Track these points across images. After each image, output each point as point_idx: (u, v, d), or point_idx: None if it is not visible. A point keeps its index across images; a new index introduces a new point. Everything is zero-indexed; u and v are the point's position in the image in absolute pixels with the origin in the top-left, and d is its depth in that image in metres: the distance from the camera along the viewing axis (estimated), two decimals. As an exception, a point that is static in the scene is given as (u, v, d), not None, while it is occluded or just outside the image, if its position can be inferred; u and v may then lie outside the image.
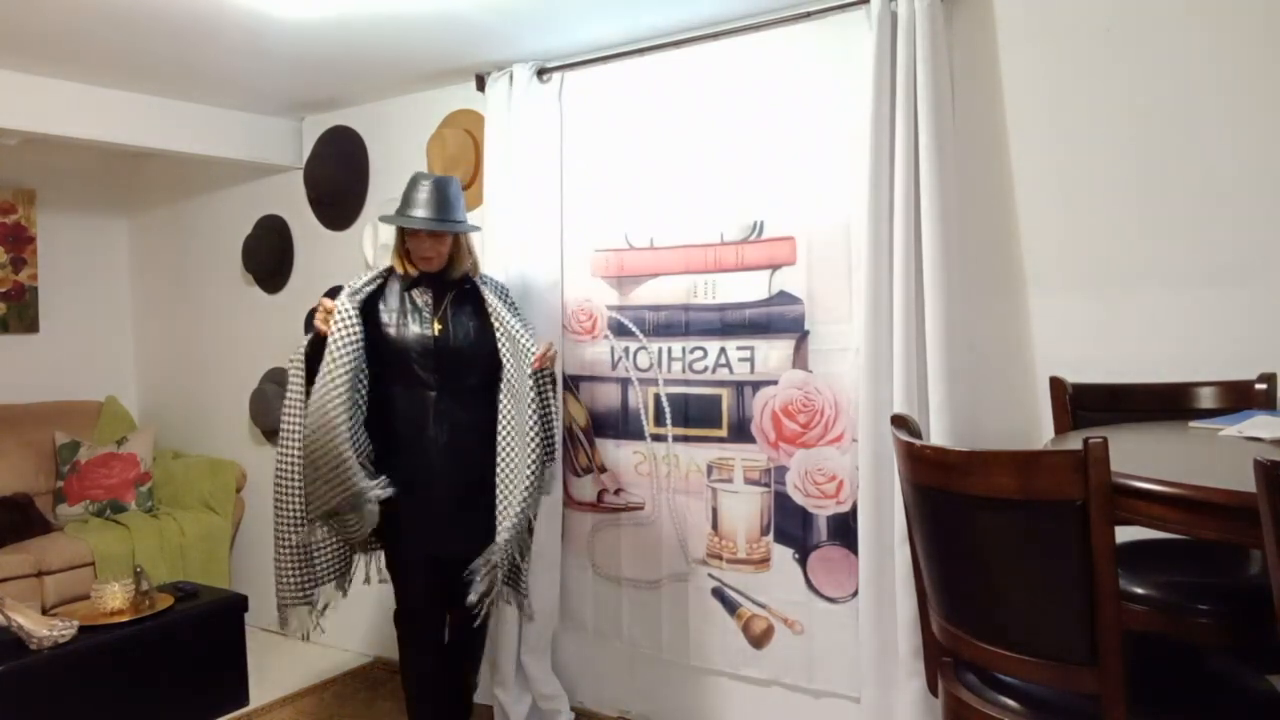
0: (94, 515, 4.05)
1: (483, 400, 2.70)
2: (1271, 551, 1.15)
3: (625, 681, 3.23)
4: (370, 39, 3.06)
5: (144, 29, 2.92)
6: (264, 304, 4.31)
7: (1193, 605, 1.71)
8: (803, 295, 2.81)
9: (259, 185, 4.29)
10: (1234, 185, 2.25)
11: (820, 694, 2.84)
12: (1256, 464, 1.14)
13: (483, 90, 3.37)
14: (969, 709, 1.54)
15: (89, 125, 3.54)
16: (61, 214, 4.65)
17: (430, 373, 2.66)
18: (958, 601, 1.53)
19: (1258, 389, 2.07)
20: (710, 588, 3.02)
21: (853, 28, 2.65)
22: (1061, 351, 2.45)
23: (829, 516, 2.79)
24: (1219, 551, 1.93)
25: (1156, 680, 1.50)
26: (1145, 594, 1.76)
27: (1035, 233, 2.50)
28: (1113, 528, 1.32)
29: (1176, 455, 1.71)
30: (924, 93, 2.45)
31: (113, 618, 3.09)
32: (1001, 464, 1.41)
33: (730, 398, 2.96)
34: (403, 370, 2.66)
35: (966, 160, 2.54)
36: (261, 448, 4.32)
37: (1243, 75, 2.24)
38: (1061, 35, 2.45)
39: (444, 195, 2.67)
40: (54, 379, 4.54)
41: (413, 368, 2.65)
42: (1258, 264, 2.22)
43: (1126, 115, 2.37)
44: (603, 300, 3.19)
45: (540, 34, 3.03)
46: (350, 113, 3.95)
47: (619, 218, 3.15)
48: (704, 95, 2.97)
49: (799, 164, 2.81)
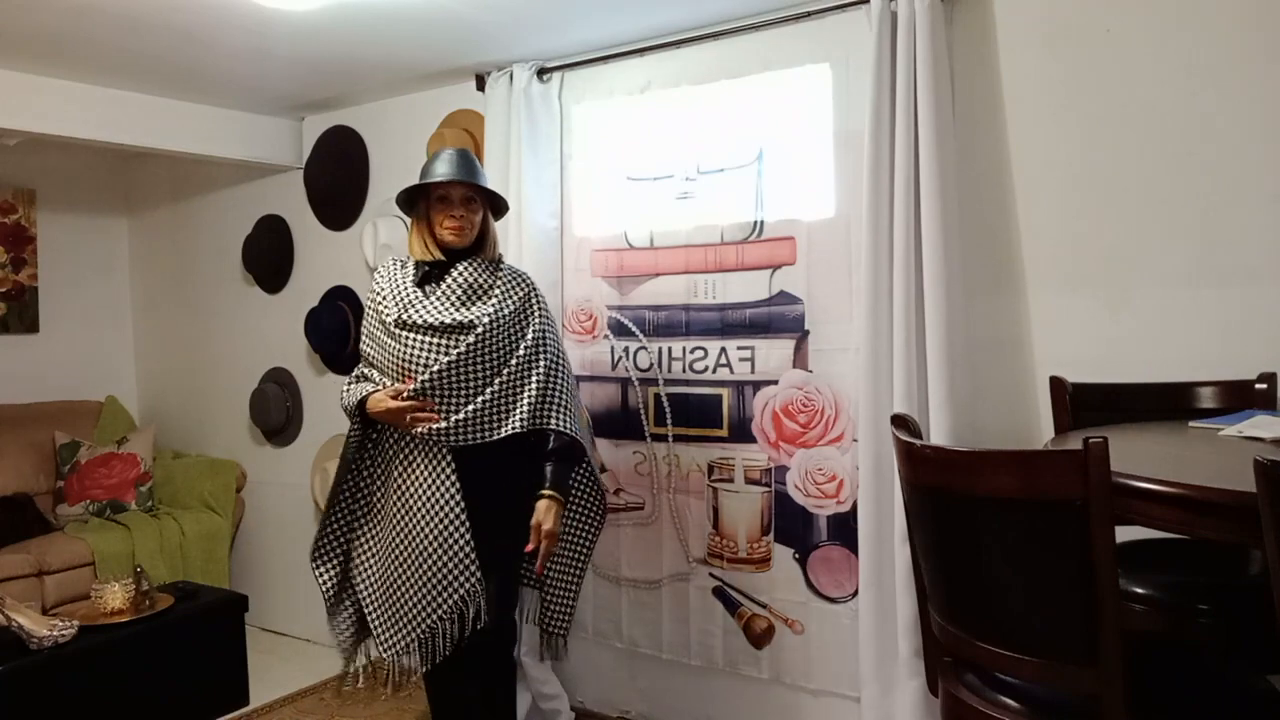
0: (94, 515, 4.05)
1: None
2: (1271, 551, 1.15)
3: (625, 681, 3.23)
4: (370, 39, 3.06)
5: (144, 29, 2.92)
6: (264, 304, 4.31)
7: (1193, 605, 1.71)
8: (803, 295, 2.81)
9: (259, 185, 4.29)
10: (1234, 185, 2.25)
11: (820, 694, 2.84)
12: (1256, 464, 1.14)
13: (483, 90, 3.37)
14: (969, 709, 1.54)
15: (89, 125, 3.54)
16: (61, 214, 4.64)
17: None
18: (958, 601, 1.53)
19: (1258, 389, 2.08)
20: (711, 587, 3.02)
21: (853, 28, 2.64)
22: (1061, 351, 2.45)
23: (829, 516, 2.80)
24: (1219, 551, 1.93)
25: (1156, 680, 1.50)
26: (1145, 594, 1.76)
27: (1035, 232, 2.50)
28: (1113, 528, 1.32)
29: (1176, 455, 1.71)
30: (924, 93, 2.45)
31: (113, 618, 3.09)
32: (1002, 464, 1.41)
33: (731, 398, 2.96)
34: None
35: (966, 160, 2.54)
36: (261, 448, 4.33)
37: (1243, 75, 2.23)
38: (1061, 35, 2.45)
39: (471, 162, 2.45)
40: (54, 379, 4.54)
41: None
42: (1258, 264, 2.22)
43: (1126, 115, 2.37)
44: (603, 300, 3.19)
45: (540, 34, 3.03)
46: (350, 113, 3.95)
47: (619, 218, 3.15)
48: (704, 95, 2.97)
49: (799, 164, 2.81)
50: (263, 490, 4.31)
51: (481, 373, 2.35)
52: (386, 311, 2.39)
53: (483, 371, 2.35)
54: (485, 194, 2.46)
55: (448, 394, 2.33)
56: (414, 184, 2.42)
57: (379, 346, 2.42)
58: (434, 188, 2.40)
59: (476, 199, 2.43)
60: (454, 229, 2.39)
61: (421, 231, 2.44)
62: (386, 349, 2.39)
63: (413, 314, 2.35)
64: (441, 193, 2.39)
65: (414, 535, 2.34)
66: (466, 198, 2.41)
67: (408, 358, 2.35)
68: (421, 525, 2.33)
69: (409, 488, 2.37)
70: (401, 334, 2.36)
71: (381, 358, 2.41)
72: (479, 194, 2.43)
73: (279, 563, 4.23)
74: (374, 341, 2.44)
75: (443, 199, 2.40)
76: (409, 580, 2.35)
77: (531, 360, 2.42)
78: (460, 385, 2.34)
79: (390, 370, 2.39)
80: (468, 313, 2.36)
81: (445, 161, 2.40)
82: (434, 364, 2.32)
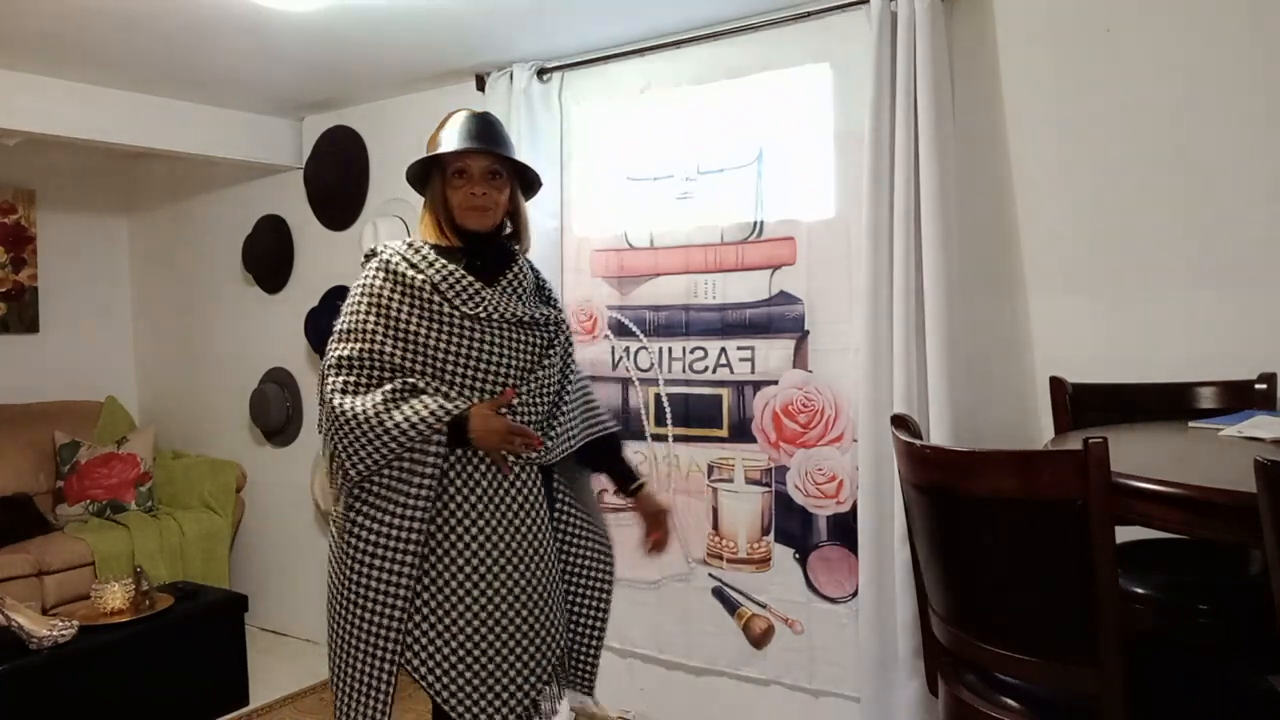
0: (94, 515, 4.05)
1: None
2: (1272, 551, 1.15)
3: (625, 681, 3.22)
4: (370, 39, 3.06)
5: (144, 29, 2.92)
6: (264, 304, 4.31)
7: (1193, 605, 1.71)
8: (803, 295, 2.81)
9: (259, 185, 4.29)
10: (1234, 185, 2.25)
11: (820, 694, 2.84)
12: (1256, 464, 1.14)
13: (483, 90, 3.37)
14: (969, 709, 1.54)
15: (89, 125, 3.54)
16: (61, 214, 4.64)
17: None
18: (958, 601, 1.53)
19: (1258, 389, 2.07)
20: (711, 587, 3.02)
21: (853, 28, 2.64)
22: (1061, 351, 2.45)
23: (829, 516, 2.80)
24: (1219, 551, 1.93)
25: (1156, 680, 1.50)
26: (1145, 594, 1.76)
27: (1035, 233, 2.50)
28: (1113, 528, 1.32)
29: (1176, 455, 1.71)
30: (924, 93, 2.45)
31: (113, 618, 3.09)
32: (1001, 464, 1.41)
33: (731, 398, 2.96)
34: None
35: (966, 160, 2.54)
36: (261, 448, 4.33)
37: (1243, 75, 2.23)
38: (1061, 35, 2.45)
39: (493, 128, 1.96)
40: (54, 379, 4.53)
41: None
42: (1258, 264, 2.22)
43: (1126, 115, 2.37)
44: (603, 300, 3.20)
45: (540, 34, 3.03)
46: (350, 113, 3.95)
47: (619, 218, 3.15)
48: (704, 95, 2.97)
49: (799, 164, 2.81)
50: (262, 490, 4.30)
51: (557, 377, 1.98)
52: (441, 301, 1.85)
53: (557, 375, 1.98)
54: (513, 166, 1.97)
55: (534, 403, 1.90)
56: (427, 155, 1.95)
57: (424, 345, 1.85)
58: (449, 160, 1.92)
59: (502, 172, 1.94)
60: (474, 209, 1.91)
61: (435, 212, 1.95)
62: (449, 347, 1.84)
63: (489, 305, 1.86)
64: (459, 165, 1.91)
65: (510, 586, 1.84)
66: (490, 171, 1.92)
67: (493, 358, 1.86)
68: (520, 573, 1.85)
69: (498, 525, 1.84)
70: (479, 328, 1.85)
71: (433, 359, 1.85)
72: (505, 166, 1.95)
73: (279, 563, 4.23)
74: (412, 340, 1.85)
75: (461, 172, 1.91)
76: (504, 645, 1.84)
77: (573, 367, 2.08)
78: (545, 391, 1.93)
79: (454, 375, 1.84)
80: (544, 309, 1.98)
81: (461, 126, 1.92)
82: (529, 364, 1.90)
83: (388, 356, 1.85)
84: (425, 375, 1.85)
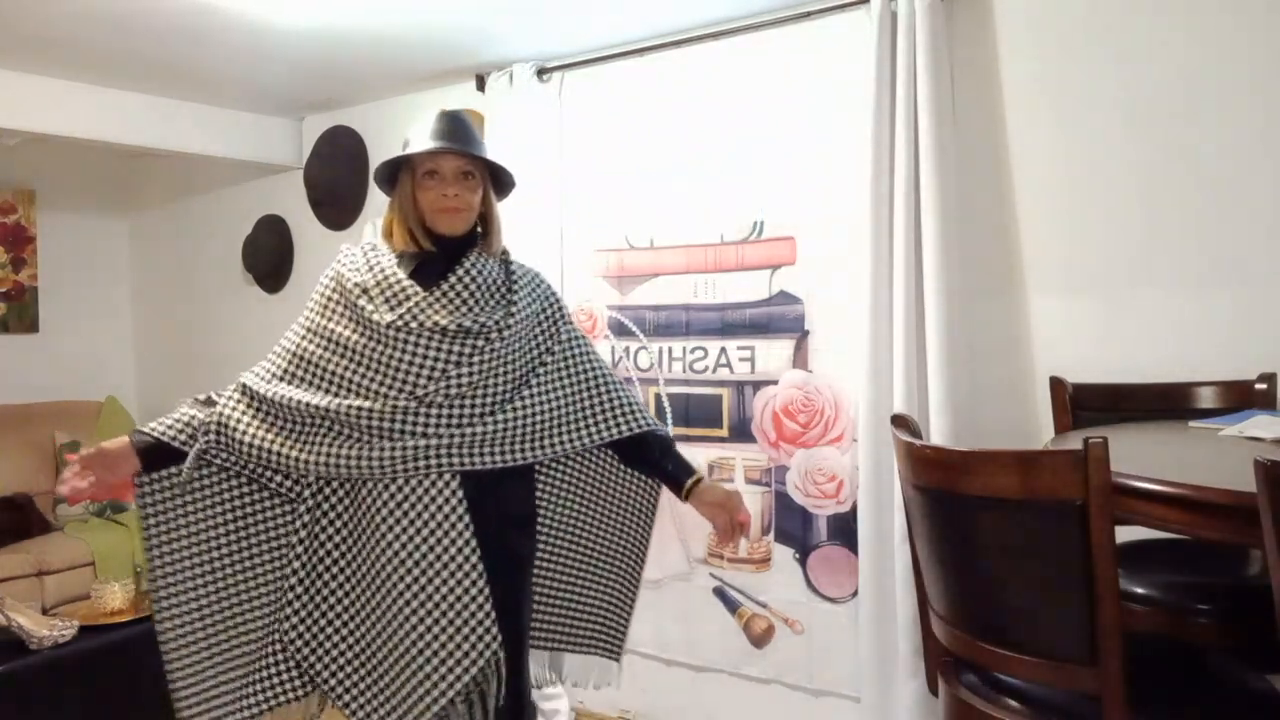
0: (94, 515, 4.05)
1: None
2: (1272, 551, 1.15)
3: (625, 681, 3.21)
4: (370, 39, 3.06)
5: (144, 29, 2.92)
6: (264, 304, 4.31)
7: (1193, 605, 1.71)
8: (803, 295, 2.81)
9: (259, 185, 4.29)
10: (1233, 185, 2.25)
11: (820, 694, 2.84)
12: (1256, 464, 1.14)
13: (483, 90, 3.37)
14: (969, 709, 1.54)
15: (89, 125, 3.54)
16: (61, 214, 4.65)
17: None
18: (958, 601, 1.53)
19: (1258, 389, 2.08)
20: (711, 587, 3.02)
21: (853, 27, 2.64)
22: (1061, 351, 2.45)
23: (829, 516, 2.80)
24: (1219, 551, 1.93)
25: (1156, 680, 1.50)
26: (1145, 594, 1.76)
27: (1035, 233, 2.50)
28: (1113, 528, 1.32)
29: (1176, 455, 1.70)
30: (924, 92, 2.45)
31: (113, 618, 3.08)
32: (1001, 464, 1.41)
33: (731, 398, 2.96)
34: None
35: (966, 160, 2.54)
36: (261, 448, 4.32)
37: (1243, 75, 2.23)
38: (1061, 35, 2.45)
39: (465, 126, 1.89)
40: (54, 379, 4.54)
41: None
42: (1257, 264, 2.22)
43: (1126, 115, 2.37)
44: (603, 300, 3.20)
45: (540, 34, 3.03)
46: (350, 112, 3.95)
47: (619, 218, 3.15)
48: (704, 95, 2.97)
49: (799, 164, 2.81)
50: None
51: (503, 386, 1.86)
52: (369, 308, 1.82)
53: (504, 385, 1.86)
54: (485, 166, 1.92)
55: (458, 410, 1.81)
56: (396, 156, 1.87)
57: (344, 351, 1.83)
58: (419, 160, 1.85)
59: (474, 173, 1.88)
60: (447, 211, 1.84)
61: (404, 214, 1.87)
62: (365, 355, 1.81)
63: (416, 313, 1.80)
64: (430, 166, 1.84)
65: (414, 593, 1.78)
66: (462, 171, 1.86)
67: (408, 366, 1.78)
68: (426, 580, 1.79)
69: (402, 531, 1.79)
70: (400, 337, 1.79)
71: (350, 366, 1.82)
72: (477, 166, 1.89)
73: (279, 563, 4.23)
74: (334, 344, 1.85)
75: (432, 173, 1.84)
76: (407, 653, 1.79)
77: (574, 369, 1.99)
78: (476, 400, 1.82)
79: (367, 383, 1.79)
80: (486, 316, 1.85)
81: (431, 126, 1.85)
82: (449, 375, 1.78)
83: (311, 357, 1.87)
84: (338, 381, 1.83)
